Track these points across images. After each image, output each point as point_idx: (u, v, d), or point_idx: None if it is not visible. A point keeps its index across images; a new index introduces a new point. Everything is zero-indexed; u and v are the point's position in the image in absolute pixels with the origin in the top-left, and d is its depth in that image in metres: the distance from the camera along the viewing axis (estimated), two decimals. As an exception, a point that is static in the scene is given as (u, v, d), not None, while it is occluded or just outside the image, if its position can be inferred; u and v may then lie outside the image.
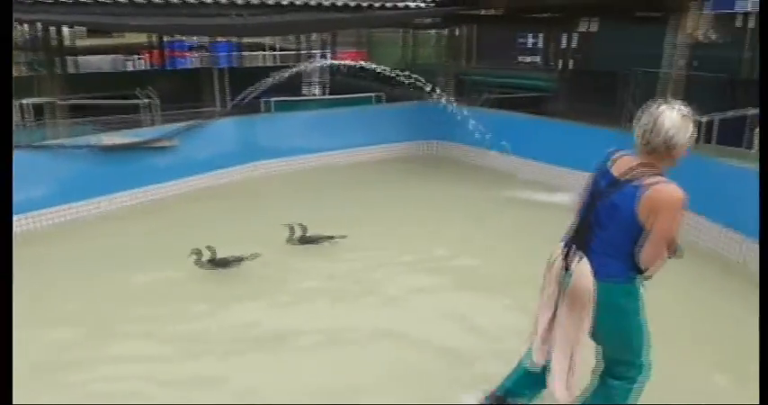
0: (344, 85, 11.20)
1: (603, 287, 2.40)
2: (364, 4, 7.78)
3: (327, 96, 11.17)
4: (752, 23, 8.49)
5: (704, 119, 5.98)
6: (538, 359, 2.62)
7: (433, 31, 10.98)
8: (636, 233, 2.32)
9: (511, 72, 11.46)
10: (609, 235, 2.38)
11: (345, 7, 7.69)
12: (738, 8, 4.73)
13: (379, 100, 9.17)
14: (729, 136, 5.83)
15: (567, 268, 2.48)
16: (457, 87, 9.36)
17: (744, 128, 5.85)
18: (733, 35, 8.86)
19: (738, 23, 8.40)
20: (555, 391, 2.55)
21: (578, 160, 6.32)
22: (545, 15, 9.56)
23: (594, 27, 10.85)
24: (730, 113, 5.74)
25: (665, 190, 2.25)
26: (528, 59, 13.61)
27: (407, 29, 11.98)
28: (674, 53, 5.37)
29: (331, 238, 5.15)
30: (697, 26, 5.10)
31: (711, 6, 4.95)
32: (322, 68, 11.95)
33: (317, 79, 12.69)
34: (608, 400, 2.58)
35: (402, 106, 9.00)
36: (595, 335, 2.54)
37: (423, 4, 8.19)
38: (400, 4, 8.19)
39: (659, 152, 2.30)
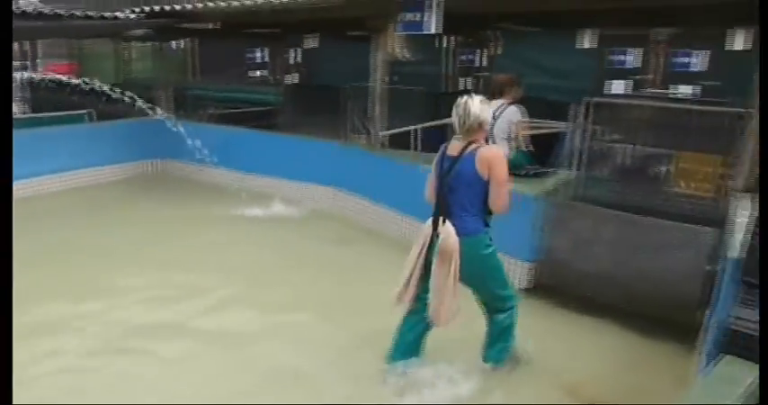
0: (50, 101, 9.92)
1: (465, 241, 3.12)
2: (63, 13, 7.00)
3: (28, 115, 9.75)
4: (445, 44, 9.84)
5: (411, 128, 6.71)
6: (407, 300, 3.27)
7: (149, 44, 10.36)
8: (481, 190, 3.09)
9: (237, 86, 11.42)
10: (461, 197, 3.10)
11: (40, 15, 6.82)
12: (425, 30, 5.32)
13: (91, 117, 8.32)
14: (431, 142, 6.60)
15: (436, 233, 3.13)
16: (179, 102, 8.97)
17: (442, 136, 6.66)
18: (429, 54, 10.24)
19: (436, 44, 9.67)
20: (435, 319, 3.20)
21: (302, 172, 6.72)
22: (265, 31, 9.73)
23: (316, 43, 11.43)
24: (429, 123, 6.52)
25: (491, 149, 3.17)
26: (258, 73, 13.80)
27: (119, 41, 11.09)
28: (377, 69, 5.93)
29: None
30: (394, 45, 5.70)
31: (402, 28, 5.52)
32: (21, 83, 10.41)
33: (15, 95, 11.00)
34: (502, 330, 3.35)
35: (120, 124, 8.34)
36: (469, 283, 3.25)
37: (132, 15, 7.69)
38: (108, 15, 7.57)
39: (474, 130, 3.09)
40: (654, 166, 5.21)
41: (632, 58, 9.76)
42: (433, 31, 5.34)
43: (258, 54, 13.98)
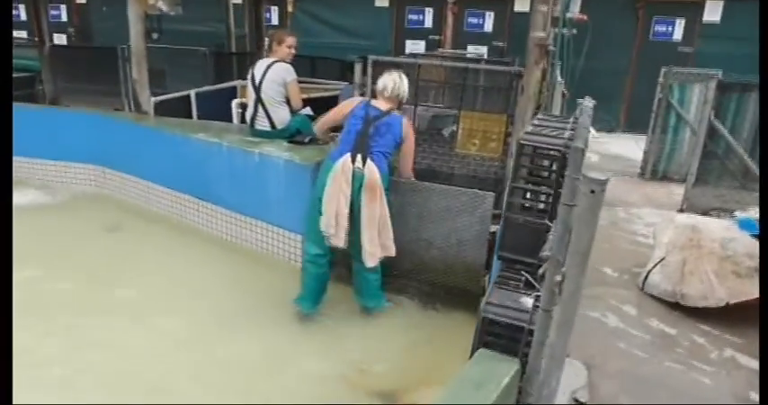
0: None
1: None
2: None
3: None
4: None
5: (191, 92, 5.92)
6: (338, 243, 3.32)
7: None
8: (395, 147, 3.49)
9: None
10: (384, 142, 3.40)
11: None
12: None
13: None
14: (213, 108, 5.89)
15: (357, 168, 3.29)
16: None
17: (227, 100, 5.93)
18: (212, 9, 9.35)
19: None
20: (374, 255, 3.35)
21: (61, 150, 5.61)
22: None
23: (85, -1, 9.82)
24: (207, 88, 5.81)
25: (408, 122, 3.62)
26: (24, 35, 11.77)
27: None
28: (134, 25, 5.04)
29: None
30: (154, -3, 4.88)
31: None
32: None
33: None
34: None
35: None
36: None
37: None
38: None
39: (397, 101, 3.57)
40: (441, 127, 5.10)
41: (428, 17, 9.80)
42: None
43: (16, 12, 11.95)
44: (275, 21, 10.51)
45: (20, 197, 5.29)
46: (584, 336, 3.06)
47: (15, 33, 11.37)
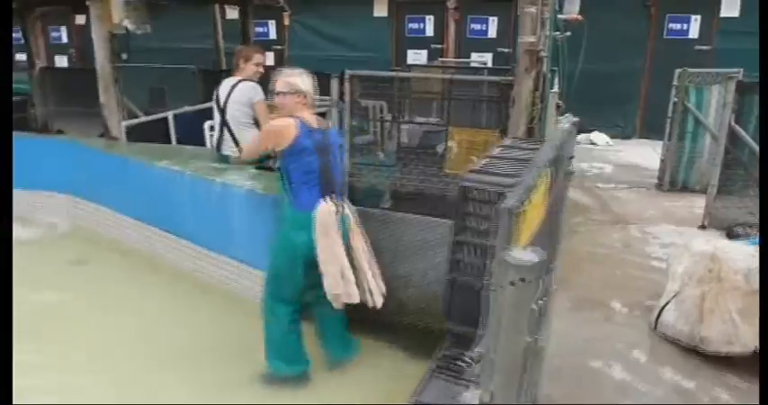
0: None
1: None
2: None
3: None
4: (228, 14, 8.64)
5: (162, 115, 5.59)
6: (352, 300, 2.86)
7: None
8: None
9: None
10: (338, 170, 3.01)
11: None
12: None
13: None
14: (194, 130, 5.51)
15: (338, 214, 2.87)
16: None
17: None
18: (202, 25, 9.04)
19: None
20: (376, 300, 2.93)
21: (33, 179, 5.29)
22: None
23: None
24: (184, 109, 5.47)
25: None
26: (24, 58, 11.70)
27: None
28: (101, 46, 4.71)
29: None
30: (114, 14, 4.53)
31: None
32: None
33: None
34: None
35: None
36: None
37: None
38: None
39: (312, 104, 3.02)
40: (435, 143, 4.66)
41: (429, 25, 9.37)
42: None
43: (17, 35, 11.86)
44: (273, 35, 10.20)
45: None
46: (581, 393, 2.57)
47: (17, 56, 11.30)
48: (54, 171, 5.20)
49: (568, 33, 3.77)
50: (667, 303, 3.09)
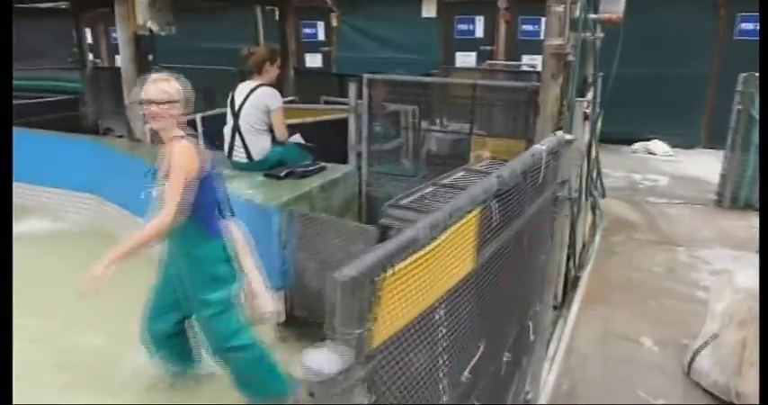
0: None
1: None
2: None
3: None
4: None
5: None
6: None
7: None
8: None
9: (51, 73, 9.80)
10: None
11: None
12: None
13: None
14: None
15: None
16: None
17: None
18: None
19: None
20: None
21: (64, 177, 5.34)
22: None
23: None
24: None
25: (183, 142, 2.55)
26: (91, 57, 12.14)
27: None
28: (125, 46, 4.66)
29: None
30: (137, 15, 4.47)
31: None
32: None
33: None
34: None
35: None
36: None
37: None
38: None
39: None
40: (460, 153, 4.35)
41: (479, 26, 8.99)
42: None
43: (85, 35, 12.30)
44: (321, 36, 10.08)
45: (17, 225, 5.04)
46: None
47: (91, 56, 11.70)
48: (81, 171, 5.21)
49: (601, 35, 3.38)
50: (703, 346, 2.67)
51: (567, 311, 3.36)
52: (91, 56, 12.22)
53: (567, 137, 1.76)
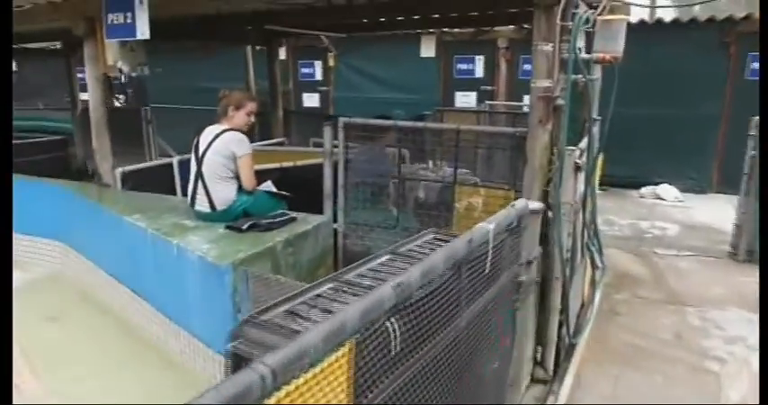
0: None
1: None
2: None
3: None
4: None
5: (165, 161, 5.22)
6: None
7: None
8: None
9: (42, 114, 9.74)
10: None
11: None
12: (138, 35, 3.87)
13: None
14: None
15: None
16: None
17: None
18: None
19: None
20: None
21: (34, 224, 5.03)
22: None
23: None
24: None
25: None
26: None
27: None
28: (94, 88, 4.42)
29: None
30: (107, 56, 4.24)
31: (109, 35, 4.02)
32: None
33: None
34: None
35: None
36: None
37: None
38: None
39: None
40: (441, 202, 4.01)
41: (479, 65, 8.76)
42: (140, 36, 3.89)
43: (82, 75, 12.28)
44: (318, 76, 9.92)
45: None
46: None
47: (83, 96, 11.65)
48: (49, 217, 4.92)
49: (595, 77, 3.06)
50: (715, 442, 2.24)
51: (559, 386, 2.94)
52: (83, 95, 12.21)
53: (532, 205, 1.41)
